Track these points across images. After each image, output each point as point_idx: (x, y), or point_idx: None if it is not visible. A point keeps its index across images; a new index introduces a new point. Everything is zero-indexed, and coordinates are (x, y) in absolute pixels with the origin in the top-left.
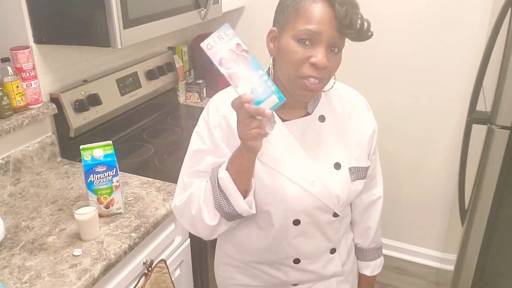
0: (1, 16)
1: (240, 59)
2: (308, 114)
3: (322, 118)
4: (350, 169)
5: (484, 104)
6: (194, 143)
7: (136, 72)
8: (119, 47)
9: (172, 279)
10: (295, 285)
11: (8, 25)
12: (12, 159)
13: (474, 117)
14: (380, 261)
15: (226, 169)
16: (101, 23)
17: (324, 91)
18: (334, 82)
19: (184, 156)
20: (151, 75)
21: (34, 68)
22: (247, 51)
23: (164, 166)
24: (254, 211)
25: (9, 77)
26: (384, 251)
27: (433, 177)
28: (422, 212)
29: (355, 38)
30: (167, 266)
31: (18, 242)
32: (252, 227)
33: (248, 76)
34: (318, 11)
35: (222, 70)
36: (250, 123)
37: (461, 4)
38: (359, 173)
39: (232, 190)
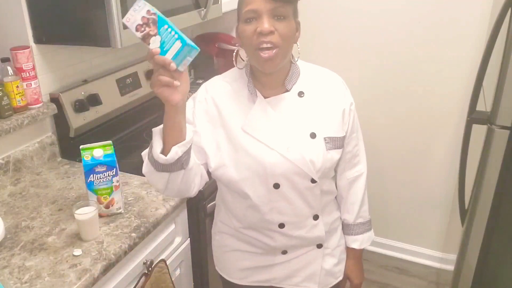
0: (1, 16)
1: (151, 21)
2: (287, 91)
3: (301, 94)
4: (325, 138)
5: (484, 104)
6: None
7: (136, 72)
8: (119, 47)
9: (172, 279)
10: (284, 252)
11: (8, 25)
12: (12, 159)
13: (474, 117)
14: (368, 235)
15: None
16: (101, 23)
17: (293, 64)
18: (298, 56)
19: None
20: (151, 75)
21: (34, 68)
22: (155, 13)
23: None
24: (170, 161)
25: (9, 77)
26: (384, 251)
27: (433, 177)
28: (422, 212)
29: (287, 1)
30: (167, 266)
31: (18, 242)
32: (239, 192)
33: (157, 34)
34: None
35: (138, 35)
36: (157, 73)
37: (461, 4)
38: (334, 142)
39: (154, 139)
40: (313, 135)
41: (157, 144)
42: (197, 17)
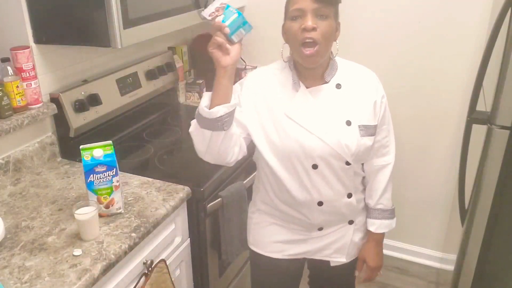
0: (1, 16)
1: (220, 8)
2: (326, 83)
3: (338, 86)
4: (359, 126)
5: (484, 104)
6: None
7: (136, 72)
8: (119, 47)
9: (172, 279)
10: (320, 229)
11: (8, 25)
12: (12, 159)
13: (474, 117)
14: (387, 222)
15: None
16: (101, 23)
17: (331, 59)
18: (337, 49)
19: (184, 156)
20: (151, 75)
21: (34, 68)
22: (225, 3)
23: (164, 166)
24: (213, 115)
25: (9, 77)
26: (384, 251)
27: (433, 177)
28: (422, 212)
29: (330, 3)
30: (167, 266)
31: (18, 242)
32: (282, 172)
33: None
34: None
35: (210, 18)
36: (214, 35)
37: (461, 4)
38: (367, 130)
39: (204, 97)
40: (348, 123)
41: (204, 100)
42: (197, 17)
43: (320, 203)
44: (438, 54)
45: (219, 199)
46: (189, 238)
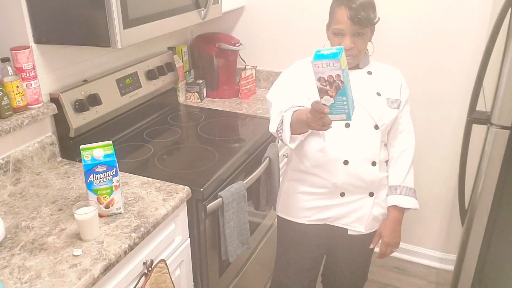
0: (1, 16)
1: (335, 85)
2: (359, 69)
3: (369, 73)
4: (387, 98)
5: (484, 104)
6: (280, 83)
7: (136, 72)
8: (119, 47)
9: (172, 279)
10: (342, 194)
11: (8, 25)
12: (12, 159)
13: (474, 117)
14: (410, 199)
15: (292, 114)
16: (101, 23)
17: (366, 54)
18: (373, 51)
19: (184, 156)
20: (151, 75)
21: (34, 68)
22: (343, 81)
23: (164, 166)
24: (292, 147)
25: (9, 77)
26: None
27: (433, 177)
28: (422, 212)
29: (366, 26)
30: (167, 266)
31: (18, 242)
32: (314, 132)
33: (333, 96)
34: (340, 15)
35: (317, 84)
36: (317, 121)
37: (461, 4)
38: (393, 103)
39: (285, 126)
40: (378, 94)
41: (287, 133)
42: (197, 17)
43: (345, 162)
44: (438, 54)
45: (219, 199)
46: (189, 238)
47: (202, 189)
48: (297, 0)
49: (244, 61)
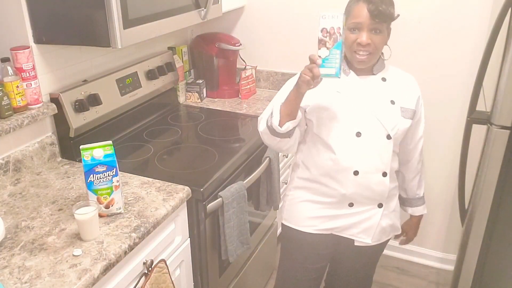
0: (1, 16)
1: (333, 37)
2: (373, 75)
3: (384, 79)
4: (401, 107)
5: (484, 104)
6: (283, 89)
7: (136, 72)
8: (119, 47)
9: (172, 279)
10: (350, 205)
11: (8, 25)
12: (12, 159)
13: (474, 117)
14: (423, 207)
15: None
16: (101, 23)
17: (385, 60)
18: (390, 55)
19: (184, 156)
20: (151, 75)
21: (34, 68)
22: (341, 35)
23: (164, 166)
24: (283, 131)
25: (9, 77)
26: (384, 251)
27: (433, 177)
28: None
29: (385, 21)
30: (167, 266)
31: (18, 242)
32: (323, 141)
33: (329, 48)
34: (357, 10)
35: (319, 35)
36: (308, 72)
37: (461, 4)
38: (407, 112)
39: (275, 110)
40: (392, 102)
41: (276, 117)
42: (197, 17)
43: (355, 172)
44: (437, 54)
45: (219, 199)
46: (189, 238)
47: (202, 189)
48: (297, 0)
49: (244, 61)
